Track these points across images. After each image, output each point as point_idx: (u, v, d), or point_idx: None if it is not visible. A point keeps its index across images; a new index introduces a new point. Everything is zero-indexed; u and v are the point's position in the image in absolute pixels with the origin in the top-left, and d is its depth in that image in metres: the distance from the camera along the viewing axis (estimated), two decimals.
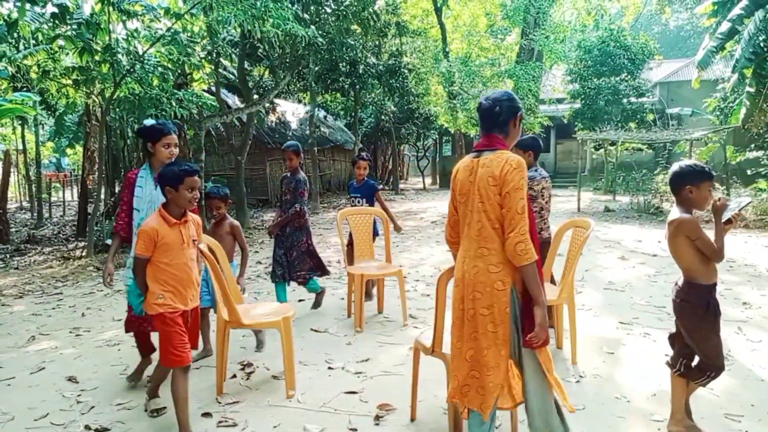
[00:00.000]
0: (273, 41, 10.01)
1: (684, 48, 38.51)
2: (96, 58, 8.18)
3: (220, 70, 12.67)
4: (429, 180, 29.08)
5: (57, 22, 7.75)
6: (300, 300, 5.74)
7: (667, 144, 18.45)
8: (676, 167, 2.82)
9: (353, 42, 15.08)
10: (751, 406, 3.21)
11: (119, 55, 8.33)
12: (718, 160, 15.11)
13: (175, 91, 9.00)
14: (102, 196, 9.47)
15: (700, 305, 2.71)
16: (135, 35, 8.81)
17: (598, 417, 3.09)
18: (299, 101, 22.64)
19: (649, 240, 9.41)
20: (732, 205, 2.74)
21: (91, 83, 8.95)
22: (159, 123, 3.49)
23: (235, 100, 17.65)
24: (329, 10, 12.28)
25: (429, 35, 18.71)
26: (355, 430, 3.02)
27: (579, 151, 20.27)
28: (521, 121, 2.54)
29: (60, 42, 8.13)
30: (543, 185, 4.38)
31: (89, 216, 9.88)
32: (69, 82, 9.20)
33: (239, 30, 10.96)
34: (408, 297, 5.40)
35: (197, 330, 3.15)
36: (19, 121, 16.40)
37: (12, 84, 9.92)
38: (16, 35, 7.81)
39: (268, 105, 16.29)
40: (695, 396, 3.03)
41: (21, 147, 17.92)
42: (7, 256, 9.28)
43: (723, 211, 2.68)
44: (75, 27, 7.80)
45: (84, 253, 8.62)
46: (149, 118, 8.45)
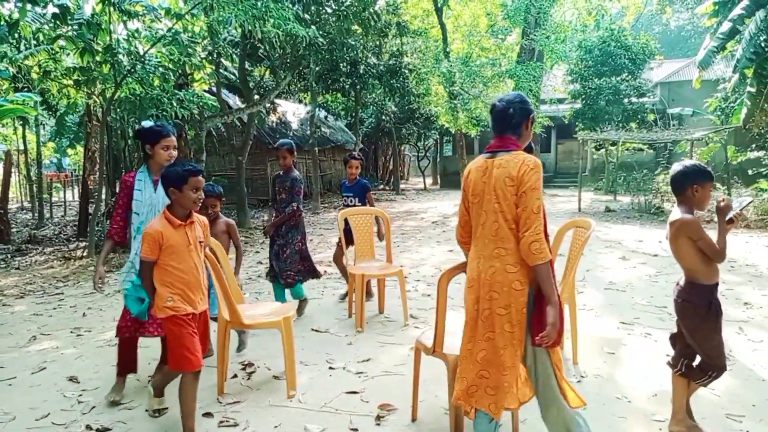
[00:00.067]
0: (274, 41, 10.01)
1: (685, 48, 38.50)
2: (97, 58, 8.19)
3: (220, 70, 12.68)
4: (430, 180, 29.11)
5: (58, 22, 7.76)
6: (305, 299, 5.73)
7: (668, 144, 18.44)
8: (679, 166, 2.82)
9: (354, 42, 15.08)
10: (753, 406, 3.21)
11: (120, 56, 8.34)
12: (719, 160, 15.10)
13: (176, 92, 9.01)
14: (103, 196, 9.48)
15: (701, 305, 2.71)
16: (136, 35, 8.82)
17: (599, 417, 3.09)
18: (300, 101, 22.66)
19: (650, 240, 9.41)
20: (733, 205, 2.75)
21: (92, 83, 8.96)
22: (157, 125, 3.43)
23: (236, 100, 17.67)
24: (330, 10, 12.29)
25: (430, 35, 18.72)
26: (356, 430, 3.02)
27: (580, 151, 20.26)
28: (533, 123, 2.56)
29: (61, 42, 8.14)
30: None
31: (90, 216, 9.89)
32: (70, 82, 9.22)
33: (240, 30, 10.98)
34: (409, 297, 5.41)
35: (207, 335, 3.08)
36: (21, 122, 16.44)
37: (13, 84, 9.93)
38: (17, 36, 7.82)
39: (268, 105, 16.31)
40: (696, 396, 3.03)
41: (22, 147, 17.96)
42: (9, 256, 9.29)
43: (727, 212, 2.69)
44: (76, 27, 7.81)
45: (85, 254, 8.63)
46: (150, 118, 8.46)
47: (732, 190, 12.96)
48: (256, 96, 14.76)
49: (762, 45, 10.52)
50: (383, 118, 23.05)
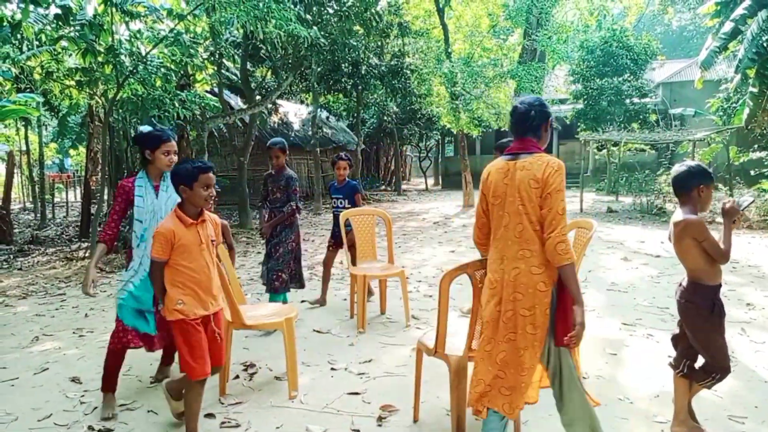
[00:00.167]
0: (275, 42, 10.01)
1: (687, 48, 38.46)
2: (99, 59, 8.19)
3: (222, 71, 12.70)
4: (431, 181, 29.10)
5: (60, 23, 7.76)
6: (302, 301, 5.74)
7: (670, 145, 18.42)
8: (683, 167, 2.82)
9: (356, 43, 15.09)
10: (755, 407, 3.20)
11: (122, 57, 8.34)
12: (721, 160, 15.08)
13: (178, 92, 9.02)
14: (105, 197, 9.49)
15: (705, 306, 2.71)
16: (138, 36, 8.82)
17: (600, 418, 3.06)
18: (302, 102, 22.68)
19: (652, 241, 9.39)
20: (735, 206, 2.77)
21: (94, 84, 8.97)
22: (157, 129, 3.35)
23: (238, 101, 17.69)
24: (332, 10, 12.29)
25: (431, 36, 18.71)
26: (358, 431, 3.03)
27: (582, 152, 20.21)
28: (552, 126, 2.58)
29: (63, 43, 8.14)
30: None
31: (92, 217, 9.90)
32: (72, 83, 9.23)
33: (242, 31, 11.00)
34: (410, 298, 5.41)
35: (222, 341, 2.94)
36: (23, 122, 16.48)
37: (16, 85, 9.95)
38: (19, 36, 7.83)
39: (270, 106, 16.33)
40: (698, 397, 3.03)
41: (24, 148, 18.00)
42: (11, 256, 9.31)
43: (734, 214, 2.70)
44: (78, 28, 7.82)
45: (87, 254, 8.64)
46: (152, 119, 8.48)
47: (734, 190, 12.93)
48: (257, 97, 14.78)
49: (764, 45, 10.50)
50: (385, 118, 23.05)
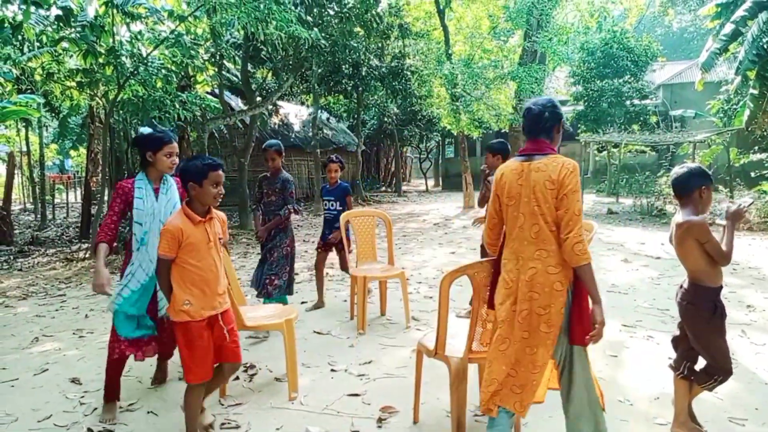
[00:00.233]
0: (276, 43, 10.03)
1: (687, 50, 38.48)
2: (100, 60, 8.21)
3: (223, 72, 12.71)
4: (432, 182, 29.13)
5: (61, 24, 7.78)
6: (302, 302, 5.74)
7: (671, 146, 18.43)
8: (684, 169, 2.82)
9: (356, 44, 15.11)
10: (755, 409, 3.20)
11: (123, 58, 8.36)
12: (721, 162, 15.08)
13: (179, 94, 9.04)
14: (105, 198, 9.49)
15: (707, 308, 2.71)
16: (139, 38, 8.85)
17: None
18: (302, 103, 22.70)
19: (653, 242, 9.39)
20: (734, 207, 2.78)
21: (95, 85, 8.99)
22: (158, 131, 3.28)
23: (238, 102, 17.71)
24: (332, 12, 12.32)
25: (432, 37, 18.72)
26: None
27: (582, 153, 20.24)
28: (563, 127, 2.59)
29: (64, 44, 8.17)
30: None
31: (92, 218, 9.91)
32: (73, 84, 9.25)
33: (242, 32, 11.01)
34: (411, 299, 5.41)
35: (235, 337, 2.86)
36: (23, 123, 16.51)
37: (16, 86, 9.96)
38: (20, 37, 7.84)
39: (271, 107, 16.34)
40: (699, 399, 3.02)
41: (25, 149, 18.02)
42: (11, 257, 9.31)
43: (739, 218, 2.72)
44: (79, 29, 7.84)
45: (87, 255, 8.64)
46: (152, 120, 8.48)
47: (734, 192, 12.94)
48: (258, 98, 14.80)
49: (765, 47, 10.50)
50: (385, 119, 23.07)
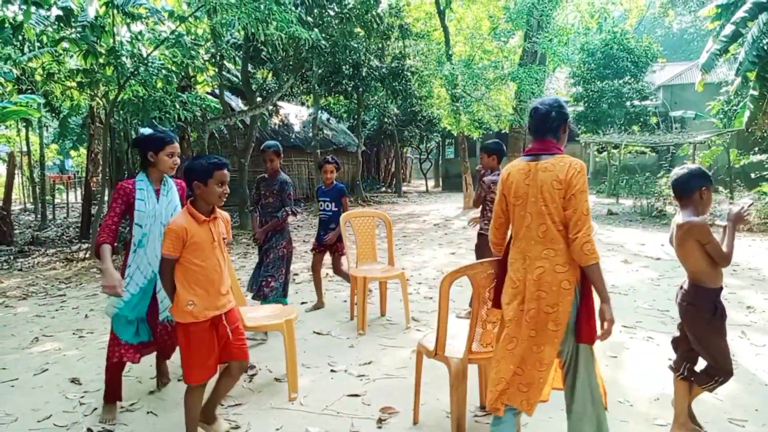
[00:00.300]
0: (276, 44, 10.03)
1: (687, 51, 38.50)
2: (100, 60, 8.22)
3: (223, 72, 12.71)
4: (432, 183, 29.13)
5: (62, 24, 7.79)
6: (302, 303, 5.74)
7: (671, 147, 18.44)
8: (685, 170, 2.82)
9: (356, 45, 15.11)
10: (755, 410, 3.20)
11: (123, 58, 8.37)
12: (721, 163, 15.09)
13: (179, 94, 9.04)
14: (105, 198, 9.49)
15: (707, 309, 2.71)
16: (139, 38, 8.85)
17: None
18: (302, 104, 22.70)
19: (653, 243, 9.39)
20: (734, 208, 2.79)
21: (96, 86, 8.99)
22: (160, 131, 3.23)
23: (239, 102, 17.71)
24: (332, 13, 12.32)
25: (432, 38, 18.73)
26: None
27: (582, 154, 20.30)
28: (569, 127, 2.61)
29: (64, 44, 8.17)
30: None
31: (92, 218, 9.91)
32: (73, 84, 9.25)
33: (243, 33, 11.01)
34: (410, 300, 5.41)
35: (240, 335, 2.83)
36: (24, 124, 16.51)
37: (17, 86, 9.97)
38: (21, 38, 7.85)
39: (271, 107, 16.34)
40: (699, 400, 3.02)
41: (25, 149, 18.02)
42: (11, 257, 9.31)
43: (741, 221, 2.73)
44: (79, 30, 7.84)
45: (87, 255, 8.64)
46: (153, 120, 8.49)
47: (734, 193, 12.94)
48: (258, 98, 14.80)
49: (765, 48, 10.51)
50: (385, 120, 23.07)
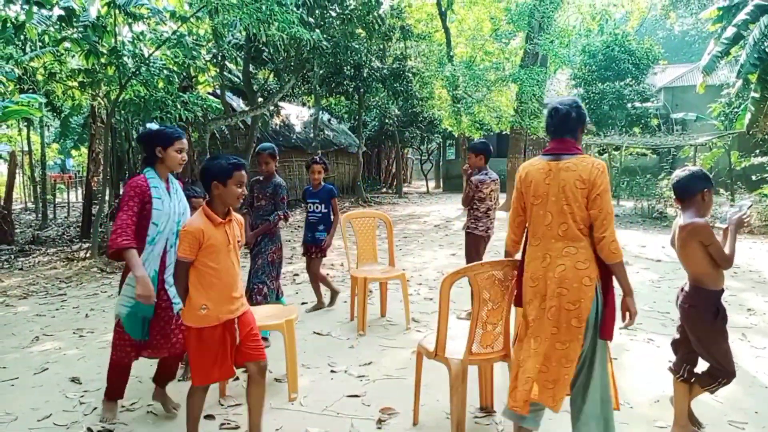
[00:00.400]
0: (278, 44, 10.05)
1: (689, 53, 38.50)
2: (102, 60, 8.22)
3: (225, 73, 12.73)
4: (432, 184, 29.12)
5: (63, 24, 7.80)
6: (303, 303, 5.74)
7: (672, 149, 18.42)
8: (686, 172, 2.83)
9: (358, 46, 15.12)
10: (755, 413, 3.20)
11: (125, 58, 8.37)
12: (722, 165, 15.07)
13: (180, 94, 9.04)
14: (106, 197, 9.50)
15: (709, 311, 2.71)
16: (141, 38, 8.85)
17: None
18: (303, 104, 22.70)
19: (653, 245, 9.38)
20: (734, 210, 2.80)
21: (97, 85, 9.00)
22: (168, 127, 3.17)
23: (240, 103, 17.72)
24: (334, 13, 12.33)
25: (433, 39, 18.74)
26: None
27: None
28: (585, 128, 2.63)
29: (66, 44, 8.18)
30: (492, 188, 4.90)
31: (93, 218, 9.92)
32: (75, 84, 9.25)
33: (244, 33, 11.03)
34: (411, 301, 5.41)
35: (255, 337, 2.74)
36: (25, 123, 16.50)
37: (18, 86, 9.97)
38: (23, 37, 7.86)
39: (272, 108, 16.35)
40: (699, 403, 3.02)
41: (26, 148, 18.01)
42: (12, 256, 9.32)
43: (743, 224, 2.75)
44: (81, 30, 7.85)
45: (88, 255, 8.64)
46: (154, 120, 8.49)
47: (735, 195, 12.93)
48: (260, 99, 14.82)
49: (766, 50, 10.51)
50: (386, 121, 23.07)
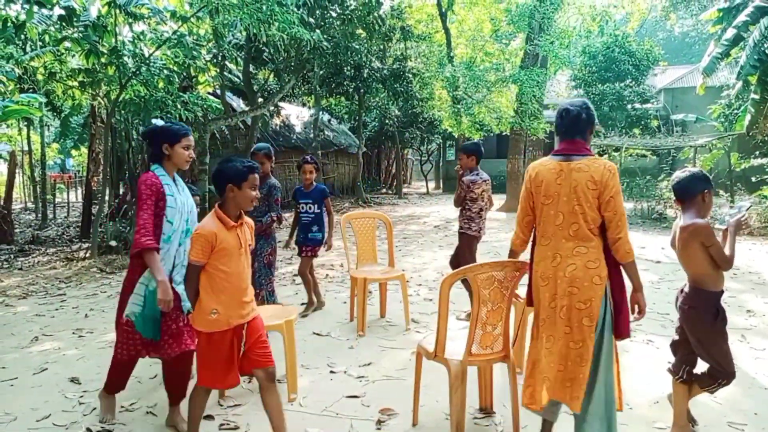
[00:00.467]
0: (278, 45, 10.05)
1: (689, 54, 38.52)
2: (102, 60, 8.22)
3: (225, 73, 12.72)
4: (432, 184, 29.11)
5: (64, 24, 7.80)
6: (302, 303, 5.74)
7: (672, 151, 18.43)
8: (687, 173, 2.83)
9: (358, 46, 15.12)
10: (755, 414, 3.19)
11: (125, 58, 8.37)
12: (722, 167, 15.07)
13: (181, 94, 9.04)
14: (106, 197, 9.50)
15: (709, 312, 2.72)
16: (141, 38, 8.85)
17: None
18: (304, 105, 22.69)
19: (653, 246, 9.37)
20: (732, 211, 2.80)
21: (97, 85, 9.00)
22: (175, 123, 3.11)
23: (240, 103, 17.72)
24: (334, 14, 12.33)
25: (434, 40, 18.73)
26: None
27: None
28: (594, 129, 2.65)
29: (66, 44, 8.18)
30: (483, 188, 4.92)
31: (93, 218, 9.92)
32: (75, 83, 9.26)
33: (245, 33, 11.03)
34: (410, 301, 5.41)
35: (263, 344, 2.70)
36: (25, 122, 16.49)
37: (19, 85, 9.98)
38: (23, 37, 7.86)
39: (272, 108, 16.35)
40: (699, 404, 3.02)
41: (26, 148, 18.01)
42: (12, 256, 9.31)
43: (742, 226, 2.76)
44: (82, 29, 7.85)
45: (88, 255, 8.64)
46: (157, 119, 8.49)
47: (735, 197, 12.93)
48: (260, 99, 14.82)
49: (766, 52, 10.51)
50: (386, 122, 23.07)
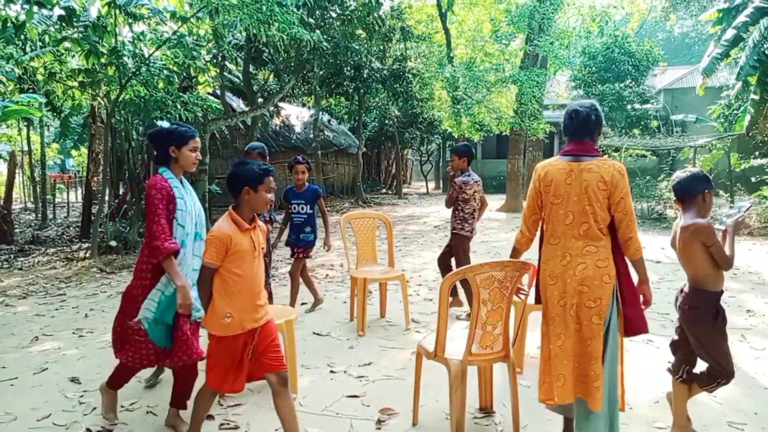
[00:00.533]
0: (278, 45, 10.05)
1: (689, 55, 38.53)
2: (102, 60, 8.22)
3: (225, 73, 12.72)
4: (432, 184, 29.11)
5: (64, 24, 7.80)
6: (303, 303, 5.74)
7: (671, 151, 18.44)
8: (687, 173, 2.84)
9: (358, 46, 15.12)
10: (755, 414, 3.20)
11: (125, 58, 8.37)
12: (722, 167, 15.08)
13: (181, 94, 9.04)
14: (106, 197, 9.50)
15: (709, 312, 2.72)
16: (141, 38, 8.86)
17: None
18: (303, 105, 22.70)
19: (653, 246, 9.37)
20: (731, 212, 2.81)
21: (97, 85, 9.00)
22: (181, 125, 3.04)
23: (240, 103, 17.71)
24: (334, 14, 12.33)
25: (433, 40, 18.73)
26: None
27: None
28: (602, 130, 2.68)
29: (66, 44, 8.18)
30: (475, 189, 4.99)
31: (93, 218, 9.92)
32: (75, 84, 9.26)
33: (245, 34, 11.03)
34: (410, 301, 5.41)
35: (276, 348, 2.67)
36: (25, 123, 16.49)
37: (18, 85, 9.97)
38: (23, 37, 7.86)
39: (272, 108, 16.35)
40: (699, 403, 3.02)
41: (26, 148, 18.00)
42: (11, 256, 9.31)
43: (741, 226, 2.77)
44: (81, 29, 7.86)
45: (88, 255, 8.64)
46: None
47: (735, 197, 12.93)
48: (260, 99, 14.82)
49: (765, 53, 10.51)
50: (386, 122, 23.07)
